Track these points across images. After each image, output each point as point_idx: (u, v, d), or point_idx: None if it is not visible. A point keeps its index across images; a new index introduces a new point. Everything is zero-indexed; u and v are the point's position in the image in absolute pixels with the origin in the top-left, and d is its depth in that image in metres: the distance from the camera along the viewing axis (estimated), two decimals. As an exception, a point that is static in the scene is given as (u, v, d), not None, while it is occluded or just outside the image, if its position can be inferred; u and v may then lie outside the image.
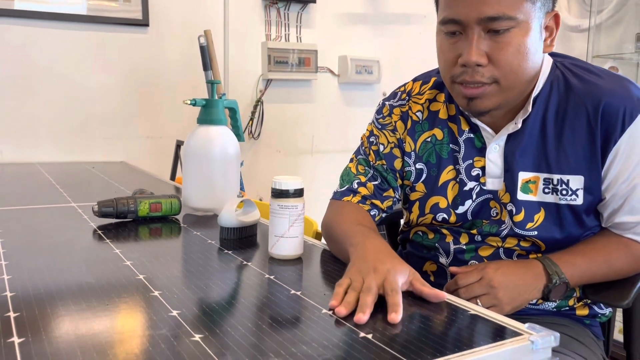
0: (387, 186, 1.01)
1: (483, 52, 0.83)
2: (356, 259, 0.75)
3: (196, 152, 1.16)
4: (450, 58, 0.86)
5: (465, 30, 0.84)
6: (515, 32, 0.82)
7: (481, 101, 0.85)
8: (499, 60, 0.83)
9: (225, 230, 0.97)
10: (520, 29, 0.82)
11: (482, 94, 0.84)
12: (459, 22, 0.84)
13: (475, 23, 0.82)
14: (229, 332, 0.57)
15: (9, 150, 2.02)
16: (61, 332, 0.56)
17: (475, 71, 0.83)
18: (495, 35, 0.82)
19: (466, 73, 0.84)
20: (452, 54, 0.86)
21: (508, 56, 0.83)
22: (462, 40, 0.84)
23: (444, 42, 0.88)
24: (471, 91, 0.85)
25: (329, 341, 0.56)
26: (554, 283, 0.84)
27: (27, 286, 0.69)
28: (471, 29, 0.83)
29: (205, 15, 2.30)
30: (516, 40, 0.82)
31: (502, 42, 0.82)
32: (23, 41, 2.02)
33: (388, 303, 0.64)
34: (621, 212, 0.88)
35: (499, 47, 0.83)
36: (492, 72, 0.84)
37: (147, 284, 0.72)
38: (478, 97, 0.85)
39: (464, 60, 0.83)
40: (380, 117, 1.04)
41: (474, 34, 0.83)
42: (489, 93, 0.84)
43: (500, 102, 0.86)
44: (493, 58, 0.83)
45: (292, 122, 2.56)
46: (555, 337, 0.58)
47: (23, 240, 0.92)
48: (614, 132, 0.84)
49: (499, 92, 0.85)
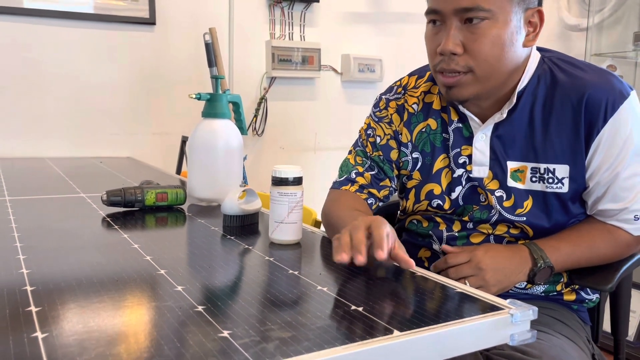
0: (384, 176, 1.05)
1: (459, 42, 0.88)
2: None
3: (201, 145, 1.20)
4: (433, 48, 0.93)
5: (444, 20, 0.90)
6: (489, 24, 0.87)
7: (458, 90, 0.91)
8: (473, 50, 0.88)
9: (228, 218, 1.02)
10: (494, 21, 0.87)
11: (458, 82, 0.90)
12: (438, 12, 0.90)
13: (452, 13, 0.88)
14: (230, 305, 0.62)
15: (19, 145, 2.08)
16: (75, 304, 0.61)
17: (451, 59, 0.89)
18: (471, 26, 0.88)
19: (443, 61, 0.90)
20: (434, 44, 0.92)
21: (482, 46, 0.88)
22: (442, 31, 0.90)
23: (428, 32, 0.95)
24: (447, 79, 0.91)
25: (323, 313, 0.60)
26: (539, 267, 0.88)
27: (43, 265, 0.74)
28: (449, 19, 0.89)
29: (210, 14, 2.35)
30: (490, 31, 0.87)
31: (476, 33, 0.88)
32: (33, 39, 2.07)
33: (375, 240, 0.69)
34: (604, 200, 0.92)
35: (473, 37, 0.88)
36: (466, 61, 0.89)
37: (153, 264, 0.76)
38: (455, 86, 0.91)
39: (441, 49, 0.89)
40: (377, 111, 1.09)
41: (452, 24, 0.89)
42: (464, 82, 0.90)
43: (478, 91, 0.91)
44: (468, 48, 0.88)
45: (295, 120, 2.61)
46: (534, 310, 0.62)
47: (37, 227, 0.97)
48: (596, 122, 0.89)
49: (475, 81, 0.90)
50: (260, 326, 0.56)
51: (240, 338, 0.53)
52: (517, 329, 0.61)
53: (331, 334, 0.54)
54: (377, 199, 1.05)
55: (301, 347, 0.51)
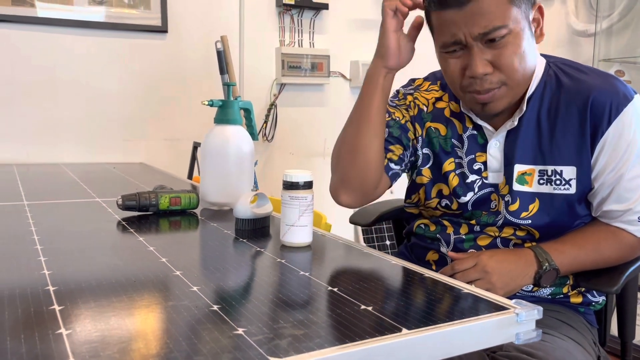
0: (395, 141, 1.06)
1: (486, 62, 0.90)
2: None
3: (213, 150, 1.23)
4: (457, 70, 0.94)
5: (466, 47, 0.91)
6: (509, 38, 0.89)
7: (494, 104, 0.93)
8: (502, 65, 0.90)
9: (240, 222, 1.04)
10: (513, 34, 0.89)
11: (493, 97, 0.92)
12: (459, 43, 0.91)
13: (473, 40, 0.90)
14: (244, 304, 0.64)
15: (34, 151, 2.12)
16: (96, 303, 0.63)
17: (484, 80, 0.91)
18: (493, 43, 0.89)
19: (476, 84, 0.92)
20: (457, 67, 0.93)
21: (508, 59, 0.90)
22: (465, 55, 0.92)
23: (447, 60, 0.95)
24: (484, 97, 0.93)
25: (333, 312, 0.62)
26: (544, 269, 0.90)
27: (63, 267, 0.77)
28: (470, 45, 0.90)
29: (221, 21, 2.39)
30: (512, 44, 0.90)
31: (500, 49, 0.90)
32: (48, 47, 2.12)
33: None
34: (609, 201, 0.93)
35: (499, 53, 0.90)
36: (498, 77, 0.91)
37: (169, 265, 0.79)
38: (491, 101, 0.92)
39: (472, 73, 0.90)
40: (396, 99, 1.13)
41: (475, 48, 0.90)
42: (499, 95, 0.92)
43: (511, 100, 0.94)
44: (496, 64, 0.91)
45: (304, 125, 2.63)
46: (539, 310, 0.63)
47: (55, 230, 1.00)
48: (601, 124, 0.91)
49: (508, 92, 0.93)
50: (273, 324, 0.58)
51: (255, 335, 0.55)
52: (522, 328, 0.63)
53: (342, 332, 0.56)
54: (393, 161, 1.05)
55: (313, 343, 0.53)
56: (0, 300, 0.63)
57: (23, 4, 2.05)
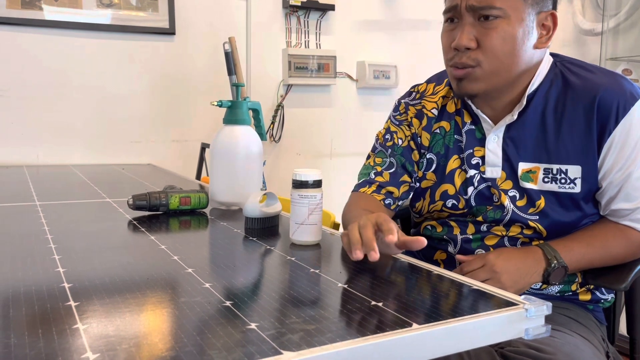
0: (403, 172, 1.08)
1: (473, 37, 0.93)
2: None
3: (222, 150, 1.24)
4: (447, 43, 0.97)
5: (460, 17, 0.94)
6: (501, 22, 0.91)
7: (467, 83, 0.95)
8: (485, 45, 0.92)
9: (249, 220, 1.05)
10: (507, 19, 0.91)
11: (467, 75, 0.94)
12: (454, 9, 0.94)
13: (465, 10, 0.92)
14: (255, 300, 0.65)
15: (44, 153, 2.14)
16: (110, 299, 0.64)
17: (464, 53, 0.94)
18: (485, 22, 0.92)
19: (457, 56, 0.94)
20: (448, 40, 0.96)
21: (493, 42, 0.92)
22: (458, 28, 0.95)
23: (444, 30, 0.99)
24: (458, 72, 0.95)
25: (344, 307, 0.63)
26: (552, 267, 0.90)
27: (77, 265, 0.78)
28: (463, 15, 0.93)
29: (228, 23, 2.40)
30: (502, 28, 0.91)
31: (489, 29, 0.92)
32: (56, 50, 2.14)
33: (383, 230, 0.72)
34: (617, 200, 0.94)
35: (486, 32, 0.92)
36: (477, 55, 0.93)
37: (181, 263, 0.80)
38: (464, 79, 0.95)
39: (455, 43, 0.93)
40: (397, 114, 1.12)
41: (466, 21, 0.93)
42: (473, 76, 0.94)
43: (487, 86, 0.94)
44: (481, 43, 0.93)
45: (311, 126, 2.64)
46: (548, 306, 0.64)
47: (68, 229, 1.01)
48: (608, 124, 0.91)
49: (483, 75, 0.93)
50: (285, 319, 0.59)
51: (267, 330, 0.56)
52: (531, 324, 0.63)
53: (353, 327, 0.57)
54: (395, 198, 1.08)
55: (325, 338, 0.54)
56: (17, 297, 0.64)
57: (32, 7, 2.07)
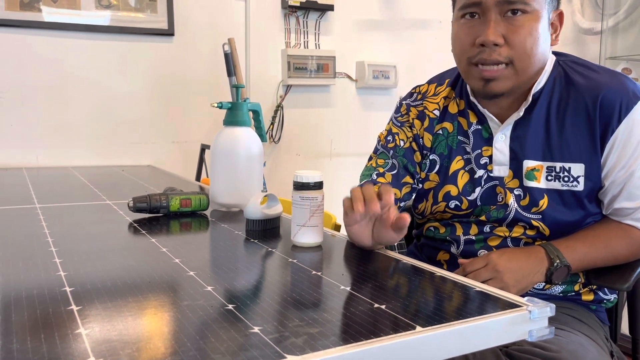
0: (405, 173, 1.08)
1: (500, 33, 0.91)
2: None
3: (223, 152, 1.24)
4: (468, 41, 0.94)
5: (484, 12, 0.92)
6: (528, 17, 0.90)
7: (497, 83, 0.93)
8: (514, 41, 0.91)
9: (250, 222, 1.05)
10: (532, 15, 0.90)
11: (499, 75, 0.92)
12: (479, 4, 0.91)
13: (493, 4, 0.90)
14: (258, 303, 0.65)
15: (44, 155, 2.14)
16: (112, 303, 0.64)
17: (493, 50, 0.91)
18: (511, 18, 0.90)
19: (484, 52, 0.92)
20: (469, 37, 0.93)
21: (522, 38, 0.90)
22: (479, 24, 0.92)
23: (462, 26, 0.95)
24: (489, 73, 0.93)
25: (347, 310, 0.63)
26: (555, 266, 0.90)
27: (78, 268, 0.78)
28: (489, 10, 0.91)
29: (227, 24, 2.40)
30: (529, 24, 0.90)
31: (516, 25, 0.90)
32: (54, 52, 2.14)
33: (382, 198, 0.76)
34: (620, 198, 0.94)
35: (514, 29, 0.90)
36: (507, 52, 0.91)
37: (183, 266, 0.80)
38: (494, 79, 0.92)
39: (483, 39, 0.91)
40: (399, 116, 1.12)
41: (492, 16, 0.91)
42: (504, 75, 0.92)
43: (514, 84, 0.94)
44: (508, 39, 0.91)
45: (311, 127, 2.64)
46: (552, 308, 0.64)
47: (68, 232, 1.01)
48: (611, 122, 0.91)
49: (514, 74, 0.92)
50: (288, 322, 0.59)
51: (270, 333, 0.55)
52: (535, 326, 0.63)
53: (356, 330, 0.57)
54: (397, 199, 1.08)
55: (328, 341, 0.53)
56: (19, 301, 0.64)
57: (31, 9, 2.07)
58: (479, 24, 0.93)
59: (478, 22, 0.93)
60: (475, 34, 0.93)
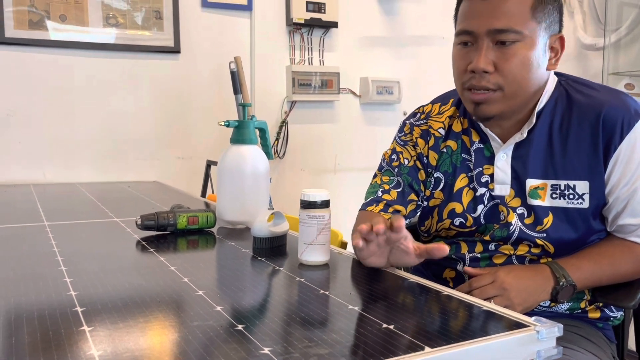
0: (410, 190, 1.09)
1: (490, 61, 0.93)
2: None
3: (230, 170, 1.25)
4: (462, 66, 0.97)
5: (477, 40, 0.94)
6: (520, 46, 0.92)
7: (486, 106, 0.95)
8: (504, 69, 0.93)
9: (258, 240, 1.06)
10: (525, 43, 0.92)
11: (487, 99, 0.94)
12: (471, 33, 0.94)
13: (485, 34, 0.93)
14: (267, 323, 0.65)
15: (51, 172, 2.15)
16: (124, 323, 0.65)
17: (482, 77, 0.94)
18: (502, 46, 0.92)
19: (474, 78, 0.95)
20: (463, 62, 0.96)
21: (512, 66, 0.92)
22: (473, 50, 0.95)
23: (458, 52, 0.99)
24: (478, 96, 0.95)
25: (356, 331, 0.63)
26: (561, 285, 0.91)
27: (89, 287, 0.78)
28: (481, 39, 0.93)
29: (233, 41, 2.43)
30: (521, 52, 0.92)
31: (507, 54, 0.92)
32: (62, 69, 2.16)
33: (393, 225, 0.77)
34: (624, 215, 0.95)
35: (504, 57, 0.92)
36: (497, 79, 0.93)
37: (191, 285, 0.80)
38: (484, 103, 0.95)
39: (473, 66, 0.93)
40: (402, 135, 1.13)
41: (484, 44, 0.93)
42: (493, 99, 0.94)
43: (504, 109, 0.95)
44: (499, 67, 0.93)
45: (315, 142, 2.66)
46: (559, 328, 0.64)
47: (77, 251, 1.01)
48: (613, 139, 0.92)
49: (503, 99, 0.94)
50: (298, 343, 0.59)
51: (281, 355, 0.56)
52: (543, 346, 0.63)
53: (365, 351, 0.57)
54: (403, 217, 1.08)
55: (338, 362, 0.54)
56: (32, 322, 0.64)
57: (40, 28, 2.10)
58: (472, 51, 0.96)
59: (472, 49, 0.96)
60: (468, 60, 0.96)
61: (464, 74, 0.97)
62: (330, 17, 2.55)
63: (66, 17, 2.14)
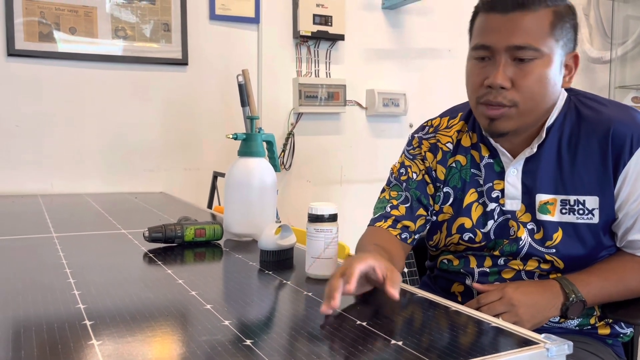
0: (419, 205, 1.08)
1: (508, 77, 0.92)
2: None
3: (237, 182, 1.26)
4: (478, 81, 0.96)
5: (494, 56, 0.93)
6: (538, 63, 0.91)
7: (500, 122, 0.94)
8: (521, 86, 0.92)
9: (264, 253, 1.06)
10: (542, 61, 0.91)
11: (502, 115, 0.93)
12: (488, 48, 0.93)
13: (503, 50, 0.92)
14: (275, 338, 0.65)
15: (58, 183, 2.16)
16: (133, 337, 0.65)
17: (499, 93, 0.93)
18: (520, 63, 0.92)
19: (490, 94, 0.93)
20: (480, 77, 0.95)
21: (530, 83, 0.92)
22: (490, 65, 0.94)
23: (473, 66, 0.97)
24: (493, 112, 0.94)
25: (365, 346, 0.63)
26: (571, 301, 0.90)
27: (97, 300, 0.79)
28: (499, 55, 0.92)
29: (240, 54, 2.44)
30: (538, 70, 0.91)
31: (525, 70, 0.92)
32: (70, 81, 2.18)
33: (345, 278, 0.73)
34: (633, 231, 0.94)
35: (522, 74, 0.92)
36: (513, 95, 0.93)
37: (199, 299, 0.80)
38: (498, 119, 0.94)
39: (490, 81, 0.92)
40: (411, 149, 1.13)
41: (502, 60, 0.92)
42: (508, 115, 0.93)
43: (519, 125, 0.95)
44: (516, 83, 0.92)
45: (322, 154, 2.66)
46: (569, 345, 0.63)
47: (85, 263, 1.02)
48: (623, 155, 0.92)
49: (517, 115, 0.93)
50: (305, 358, 0.59)
51: (289, 371, 0.56)
52: (552, 364, 0.63)
53: (374, 367, 0.57)
54: (412, 232, 1.08)
55: (347, 379, 0.54)
56: (41, 335, 0.65)
57: (50, 40, 2.12)
58: (489, 65, 0.94)
59: (489, 64, 0.95)
60: (484, 75, 0.95)
61: (479, 89, 0.96)
62: (336, 29, 2.56)
63: (76, 29, 2.16)
